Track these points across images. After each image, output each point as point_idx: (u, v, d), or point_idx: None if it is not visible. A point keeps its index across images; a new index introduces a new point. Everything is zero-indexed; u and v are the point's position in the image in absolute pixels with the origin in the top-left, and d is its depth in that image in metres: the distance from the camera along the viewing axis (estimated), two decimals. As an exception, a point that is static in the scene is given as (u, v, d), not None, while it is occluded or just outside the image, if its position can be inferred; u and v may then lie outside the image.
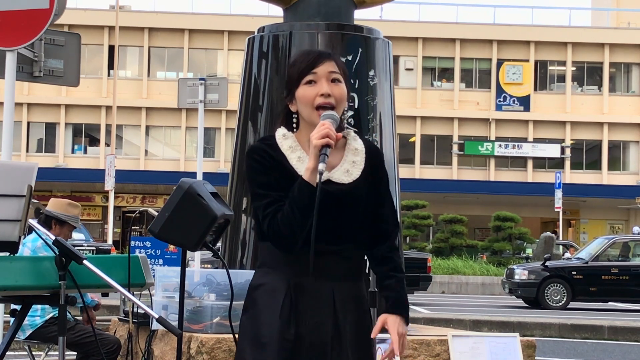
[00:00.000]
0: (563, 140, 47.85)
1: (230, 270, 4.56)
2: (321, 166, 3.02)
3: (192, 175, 7.23)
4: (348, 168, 3.23)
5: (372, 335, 3.26)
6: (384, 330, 3.25)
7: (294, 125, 3.24)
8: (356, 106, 6.82)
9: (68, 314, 6.74)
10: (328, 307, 3.19)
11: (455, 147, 47.68)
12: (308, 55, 3.23)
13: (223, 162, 45.34)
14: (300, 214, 3.06)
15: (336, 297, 3.20)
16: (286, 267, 3.17)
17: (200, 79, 13.35)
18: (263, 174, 3.15)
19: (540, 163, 47.99)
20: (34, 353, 7.31)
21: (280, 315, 3.14)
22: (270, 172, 3.15)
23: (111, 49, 42.83)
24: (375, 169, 3.30)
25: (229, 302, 4.61)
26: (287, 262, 3.17)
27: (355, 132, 3.37)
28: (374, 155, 3.32)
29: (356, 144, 3.29)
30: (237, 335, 3.28)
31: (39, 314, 6.72)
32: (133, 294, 4.32)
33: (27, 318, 6.61)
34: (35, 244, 6.58)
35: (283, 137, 3.22)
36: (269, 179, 3.14)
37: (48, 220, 6.80)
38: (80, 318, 7.07)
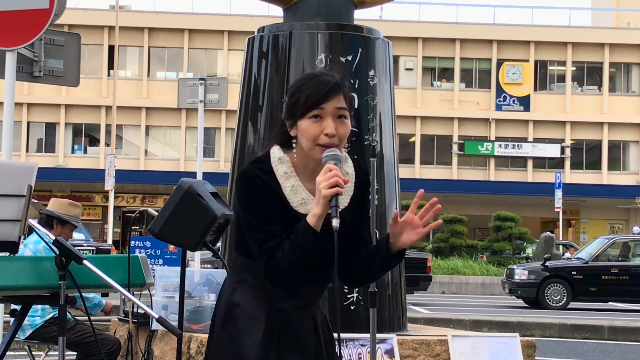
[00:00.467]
0: (563, 140, 47.86)
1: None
2: (335, 222, 2.90)
3: (192, 175, 7.22)
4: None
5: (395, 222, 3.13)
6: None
7: (293, 147, 3.11)
8: (356, 106, 6.82)
9: (68, 314, 6.75)
10: (310, 335, 3.15)
11: (455, 147, 47.68)
12: (318, 86, 3.05)
13: (223, 162, 45.34)
14: (302, 258, 2.97)
15: (316, 324, 3.18)
16: (268, 292, 3.10)
17: (200, 79, 13.34)
18: (259, 205, 3.04)
19: (540, 163, 47.99)
20: (34, 353, 7.31)
21: (261, 342, 3.07)
22: (267, 204, 3.04)
23: (111, 49, 42.83)
24: (362, 193, 3.23)
25: (229, 302, 4.61)
26: (270, 288, 3.08)
27: (345, 149, 3.23)
28: (363, 180, 3.24)
29: (347, 168, 3.20)
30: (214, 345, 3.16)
31: (39, 314, 6.72)
32: (133, 294, 4.32)
33: (27, 318, 6.62)
34: (37, 246, 6.58)
35: (279, 161, 3.10)
36: (265, 211, 3.04)
37: (50, 220, 6.80)
38: (80, 318, 7.07)
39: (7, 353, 4.15)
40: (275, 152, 3.11)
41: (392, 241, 3.11)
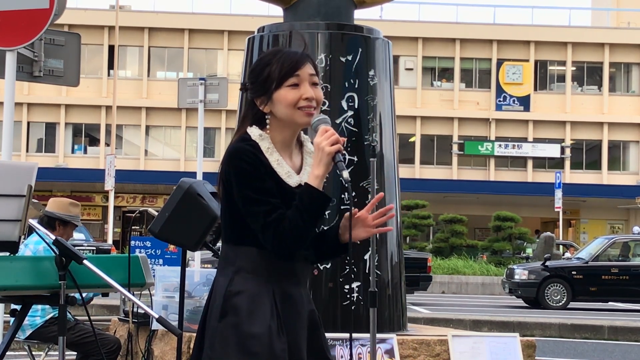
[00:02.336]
0: (563, 140, 47.85)
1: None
2: (346, 174, 3.00)
3: (192, 175, 7.22)
4: (308, 169, 3.20)
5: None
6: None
7: (267, 124, 3.16)
8: (356, 106, 6.82)
9: (68, 314, 6.75)
10: (304, 309, 3.20)
11: (455, 147, 47.67)
12: (289, 56, 3.14)
13: (223, 162, 45.27)
14: (310, 222, 3.02)
15: (305, 300, 3.22)
16: (268, 273, 3.11)
17: (200, 79, 13.34)
18: (257, 179, 3.06)
19: (540, 163, 47.99)
20: (34, 353, 7.31)
21: (269, 324, 3.07)
22: (264, 177, 3.07)
23: (111, 48, 42.81)
24: None
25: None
26: (269, 268, 3.11)
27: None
28: None
29: (310, 146, 3.26)
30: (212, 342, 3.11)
31: (39, 314, 6.72)
32: (133, 294, 4.32)
33: (27, 318, 6.62)
34: (37, 246, 6.58)
35: (260, 138, 3.13)
36: (264, 184, 3.06)
37: (52, 222, 6.79)
38: (80, 318, 7.07)
39: (7, 353, 4.14)
40: (254, 131, 3.15)
41: (340, 233, 3.21)
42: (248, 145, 3.10)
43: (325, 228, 3.30)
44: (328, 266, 6.51)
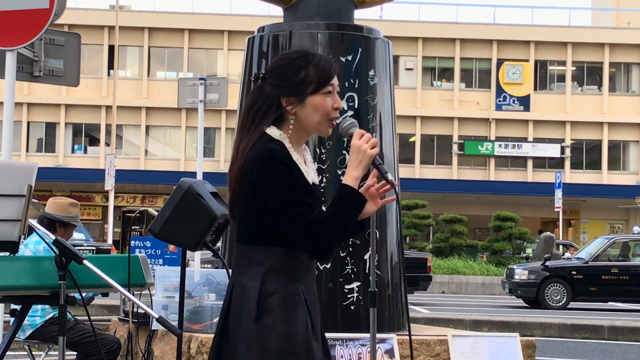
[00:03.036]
0: (563, 140, 47.85)
1: (230, 270, 4.56)
2: (390, 176, 3.12)
3: (192, 175, 7.22)
4: (312, 168, 3.26)
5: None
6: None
7: (290, 124, 3.16)
8: (356, 106, 6.82)
9: (68, 314, 6.75)
10: (318, 305, 3.26)
11: (455, 147, 47.67)
12: (327, 63, 3.18)
13: (223, 162, 45.33)
14: (348, 223, 3.08)
15: (317, 300, 3.28)
16: (296, 273, 3.13)
17: (200, 79, 13.33)
18: (292, 179, 3.07)
19: (540, 163, 47.99)
20: (34, 353, 7.31)
21: (306, 324, 3.11)
22: (297, 177, 3.09)
23: (111, 48, 42.80)
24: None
25: (229, 302, 4.60)
26: (297, 267, 3.14)
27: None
28: None
29: (304, 144, 3.31)
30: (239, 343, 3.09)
31: (39, 314, 6.72)
32: (133, 294, 4.32)
33: (27, 318, 6.62)
34: (37, 247, 6.58)
35: (281, 137, 3.14)
36: (299, 185, 3.08)
37: (52, 224, 6.78)
38: (80, 318, 7.07)
39: (7, 353, 4.14)
40: (274, 131, 3.14)
41: None
42: (277, 146, 3.10)
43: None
44: (328, 266, 6.51)
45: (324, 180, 6.46)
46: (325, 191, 3.19)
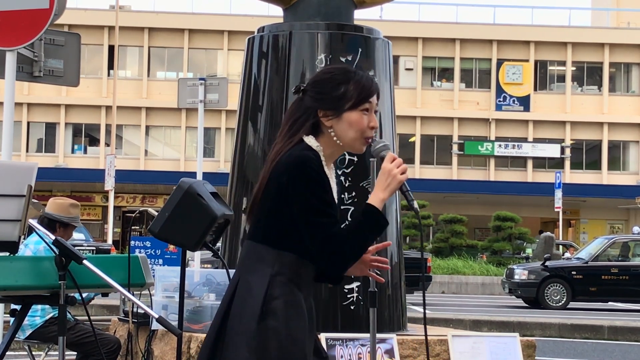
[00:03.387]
0: (563, 140, 47.85)
1: (230, 270, 4.56)
2: (416, 204, 3.15)
3: (192, 175, 7.22)
4: (334, 187, 3.28)
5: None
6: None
7: (324, 136, 3.21)
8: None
9: (68, 314, 6.75)
10: (314, 324, 3.28)
11: (455, 147, 47.67)
12: (368, 80, 3.24)
13: (223, 162, 45.33)
14: (370, 242, 3.14)
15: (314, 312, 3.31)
16: (301, 281, 3.17)
17: (200, 79, 13.33)
18: (322, 189, 3.11)
19: (540, 163, 47.99)
20: (34, 353, 7.31)
21: (306, 331, 3.15)
22: (327, 189, 3.14)
23: (111, 49, 42.80)
24: None
25: (229, 302, 4.60)
26: (302, 276, 3.17)
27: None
28: None
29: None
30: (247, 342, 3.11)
31: (39, 314, 6.72)
32: (133, 294, 4.32)
33: (27, 318, 6.62)
34: (37, 246, 6.58)
35: (317, 149, 3.18)
36: (328, 196, 3.13)
37: (52, 224, 6.78)
38: (80, 318, 7.07)
39: (7, 353, 4.14)
40: (312, 141, 3.19)
41: None
42: (313, 155, 3.14)
43: None
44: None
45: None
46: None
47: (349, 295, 6.58)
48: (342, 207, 6.47)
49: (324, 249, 3.07)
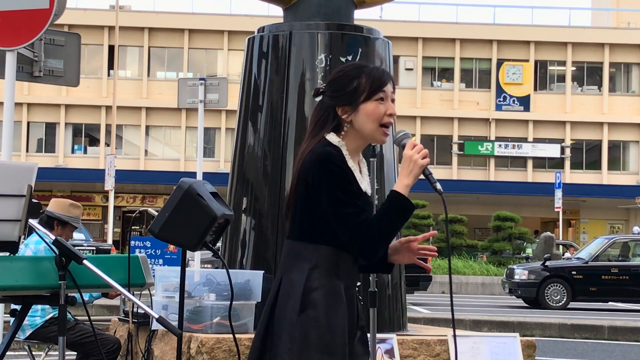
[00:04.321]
0: (563, 140, 47.85)
1: (230, 270, 4.56)
2: (439, 186, 3.29)
3: (192, 175, 7.22)
4: (367, 180, 3.43)
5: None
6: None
7: (343, 132, 3.34)
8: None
9: (68, 314, 6.75)
10: (355, 312, 3.38)
11: (455, 147, 47.68)
12: (379, 71, 3.35)
13: (223, 162, 45.34)
14: (398, 228, 3.26)
15: (356, 300, 3.42)
16: (340, 272, 3.29)
17: (200, 79, 13.32)
18: (346, 182, 3.23)
19: (540, 163, 47.99)
20: (34, 353, 7.31)
21: (346, 321, 3.26)
22: (351, 181, 3.25)
23: (111, 49, 42.80)
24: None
25: (229, 302, 4.61)
26: (342, 267, 3.29)
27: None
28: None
29: (362, 156, 3.48)
30: (295, 334, 3.21)
31: (39, 314, 6.72)
32: (133, 294, 4.32)
33: (27, 318, 6.62)
34: (37, 246, 6.58)
35: (339, 144, 3.31)
36: (352, 187, 3.25)
37: (50, 221, 6.79)
38: (80, 318, 7.07)
39: (7, 353, 4.14)
40: (333, 137, 3.32)
41: (390, 253, 3.49)
42: (334, 150, 3.27)
43: None
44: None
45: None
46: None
47: (349, 295, 6.57)
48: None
49: (354, 236, 3.20)
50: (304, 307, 3.21)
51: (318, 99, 3.42)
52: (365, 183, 3.37)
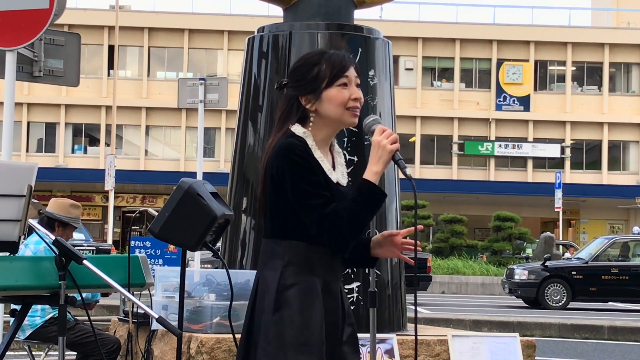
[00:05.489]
0: (563, 140, 47.85)
1: (230, 270, 4.56)
2: (409, 172, 3.17)
3: (192, 175, 7.22)
4: (342, 171, 3.33)
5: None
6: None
7: (310, 122, 3.25)
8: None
9: (68, 314, 6.75)
10: (338, 302, 3.29)
11: (455, 147, 47.67)
12: (339, 57, 3.26)
13: (223, 162, 45.34)
14: (367, 217, 3.14)
15: (342, 296, 3.32)
16: (315, 267, 3.20)
17: (200, 79, 13.32)
18: (310, 172, 3.15)
19: (540, 163, 47.99)
20: (34, 353, 7.31)
21: (321, 313, 3.17)
22: (316, 171, 3.16)
23: (111, 48, 42.81)
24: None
25: (228, 302, 4.61)
26: (316, 262, 3.20)
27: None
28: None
29: (337, 147, 3.40)
30: (265, 335, 3.16)
31: (39, 314, 6.72)
32: (133, 294, 4.32)
33: (27, 318, 6.62)
34: (37, 247, 6.58)
35: (304, 135, 3.22)
36: (317, 178, 3.16)
37: (51, 222, 6.79)
38: (80, 318, 7.07)
39: (7, 353, 4.14)
40: (297, 128, 3.23)
41: (372, 246, 3.37)
42: (297, 141, 3.18)
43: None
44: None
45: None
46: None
47: (349, 295, 6.57)
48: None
49: (321, 228, 3.11)
50: (278, 306, 3.14)
51: (282, 92, 3.34)
52: (338, 174, 3.28)
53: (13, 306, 4.69)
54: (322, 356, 3.15)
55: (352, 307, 6.54)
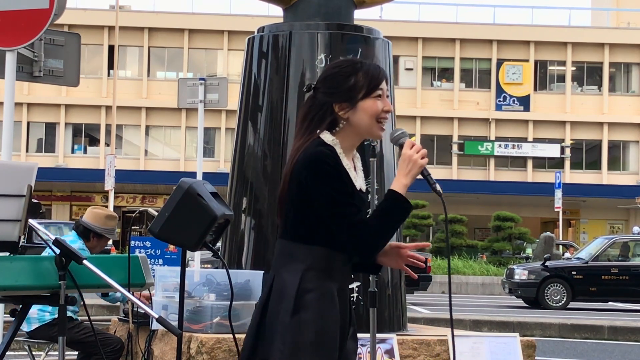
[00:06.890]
0: (563, 140, 47.85)
1: (230, 270, 4.56)
2: (439, 187, 3.28)
3: (192, 175, 7.22)
4: (362, 175, 3.41)
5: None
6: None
7: (338, 129, 3.31)
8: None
9: (71, 314, 6.75)
10: (348, 308, 3.38)
11: (455, 147, 47.68)
12: (376, 69, 3.34)
13: (223, 162, 45.34)
14: (395, 227, 3.23)
15: (349, 300, 3.41)
16: (334, 273, 3.27)
17: (200, 79, 13.32)
18: (340, 181, 3.22)
19: (540, 163, 47.98)
20: (34, 353, 7.31)
21: (338, 318, 3.25)
22: (345, 180, 3.24)
23: (111, 49, 42.82)
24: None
25: (229, 302, 4.61)
26: (335, 268, 3.28)
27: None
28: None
29: (355, 151, 3.45)
30: (295, 336, 3.20)
31: (49, 310, 6.73)
32: (133, 294, 4.32)
33: (36, 313, 6.66)
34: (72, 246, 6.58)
35: (333, 143, 3.28)
36: (346, 187, 3.23)
37: (86, 232, 6.80)
38: (81, 318, 7.07)
39: (7, 353, 4.14)
40: (327, 136, 3.29)
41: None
42: (328, 150, 3.24)
43: None
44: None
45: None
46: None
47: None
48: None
49: (351, 236, 3.19)
50: (297, 309, 3.19)
51: (310, 94, 3.37)
52: (360, 180, 3.36)
53: (13, 306, 4.68)
54: None
55: (352, 307, 6.56)
